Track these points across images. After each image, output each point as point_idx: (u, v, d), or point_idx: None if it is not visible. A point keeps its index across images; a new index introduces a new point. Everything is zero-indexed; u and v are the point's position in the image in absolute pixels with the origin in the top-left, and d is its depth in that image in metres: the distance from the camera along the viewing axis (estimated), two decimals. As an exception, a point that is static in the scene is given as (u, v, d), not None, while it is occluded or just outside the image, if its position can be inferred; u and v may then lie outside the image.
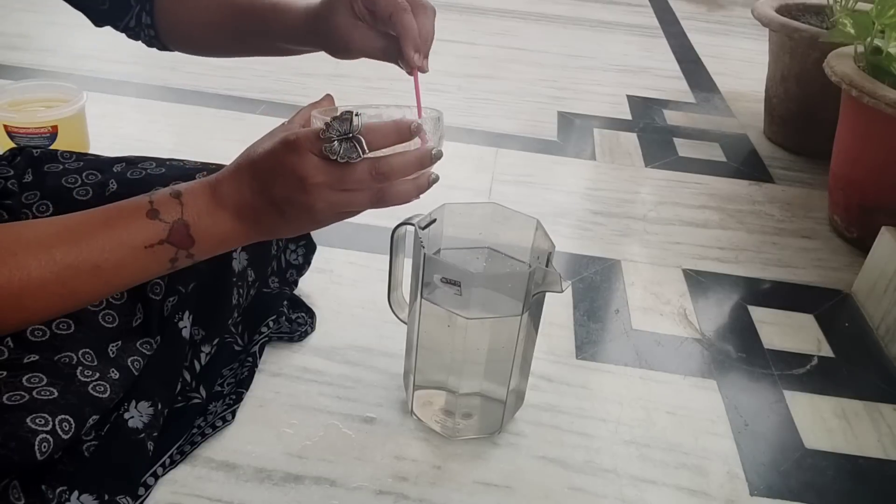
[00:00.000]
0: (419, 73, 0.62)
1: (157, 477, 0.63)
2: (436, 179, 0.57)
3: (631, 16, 2.24)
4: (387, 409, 0.74)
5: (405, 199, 0.56)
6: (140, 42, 0.78)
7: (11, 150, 0.75)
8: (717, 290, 0.98)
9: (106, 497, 0.58)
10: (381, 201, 0.55)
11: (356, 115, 0.51)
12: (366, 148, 0.52)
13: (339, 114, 0.52)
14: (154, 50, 0.80)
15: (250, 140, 0.57)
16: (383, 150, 0.53)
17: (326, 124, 0.51)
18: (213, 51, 0.77)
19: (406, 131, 0.53)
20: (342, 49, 0.66)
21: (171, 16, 0.75)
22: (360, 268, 0.95)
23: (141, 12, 0.74)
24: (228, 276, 0.72)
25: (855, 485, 0.71)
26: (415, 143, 0.55)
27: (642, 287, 0.97)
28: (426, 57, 0.62)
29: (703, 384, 0.81)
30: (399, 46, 0.61)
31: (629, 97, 1.61)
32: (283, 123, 0.58)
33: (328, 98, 0.61)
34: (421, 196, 0.57)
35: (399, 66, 0.63)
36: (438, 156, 0.56)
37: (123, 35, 0.78)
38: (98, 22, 0.75)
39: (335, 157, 0.51)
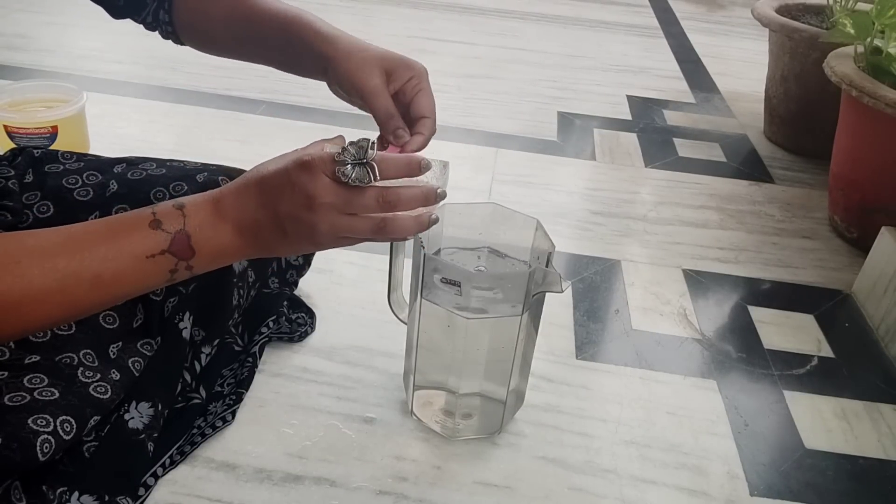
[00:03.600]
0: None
1: (157, 477, 0.63)
2: (435, 220, 0.60)
3: (631, 16, 2.24)
4: (387, 410, 0.74)
5: (404, 234, 0.58)
6: (156, 33, 0.79)
7: (12, 150, 0.75)
8: (717, 290, 0.98)
9: (106, 497, 0.58)
10: (381, 231, 0.56)
11: (373, 142, 0.54)
12: (378, 174, 0.53)
13: (356, 140, 0.54)
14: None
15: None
16: (392, 182, 0.55)
17: (343, 148, 0.53)
18: (230, 53, 0.77)
19: (416, 166, 0.56)
20: (350, 84, 0.66)
21: (189, 15, 0.75)
22: (360, 268, 0.95)
23: (159, 9, 0.75)
24: (229, 277, 0.73)
25: (855, 485, 0.71)
26: (422, 182, 0.58)
27: (642, 287, 0.97)
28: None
29: (703, 384, 0.81)
30: (401, 128, 0.64)
31: (629, 97, 1.61)
32: (296, 150, 0.59)
33: (340, 138, 0.62)
34: (419, 234, 0.60)
35: (381, 130, 0.65)
36: (443, 196, 0.58)
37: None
38: (116, 15, 0.76)
39: (347, 180, 0.53)
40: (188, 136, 1.27)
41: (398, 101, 0.65)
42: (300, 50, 0.68)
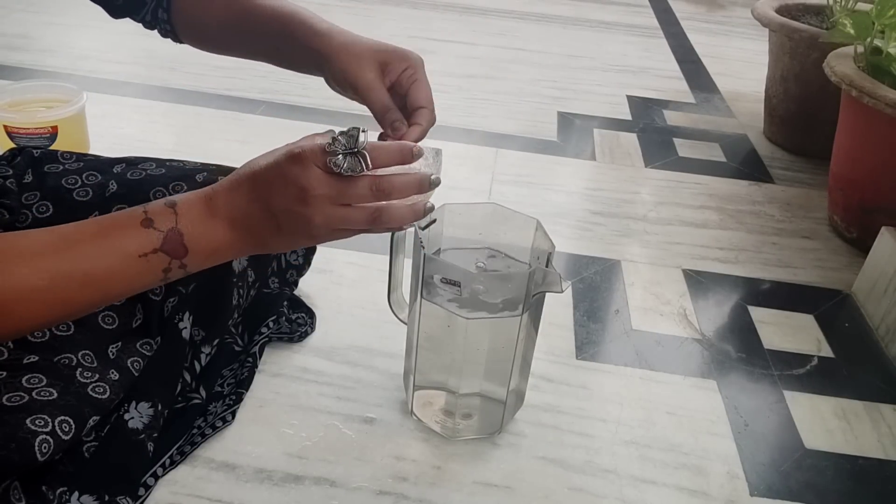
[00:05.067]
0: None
1: (157, 477, 0.63)
2: (431, 209, 0.59)
3: (631, 16, 2.24)
4: (387, 410, 0.74)
5: (400, 223, 0.57)
6: (155, 32, 0.79)
7: (11, 150, 0.75)
8: (717, 290, 0.98)
9: (106, 498, 0.58)
10: (377, 221, 0.56)
11: (363, 130, 0.53)
12: (370, 163, 0.53)
13: (346, 130, 0.53)
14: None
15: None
16: (385, 170, 0.55)
17: (333, 138, 0.53)
18: (228, 51, 0.78)
19: (408, 153, 0.55)
20: (345, 80, 0.66)
21: (187, 14, 0.75)
22: (360, 268, 0.95)
23: (157, 8, 0.75)
24: (228, 277, 0.73)
25: (855, 485, 0.71)
26: (415, 169, 0.57)
27: (642, 287, 0.97)
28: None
29: (703, 384, 0.81)
30: (399, 120, 0.64)
31: (629, 97, 1.61)
32: (287, 144, 0.59)
33: (331, 131, 0.62)
34: (416, 223, 0.59)
35: (380, 124, 0.65)
36: (436, 183, 0.58)
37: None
38: (115, 15, 0.76)
39: (339, 170, 0.52)
40: (188, 136, 1.27)
41: (395, 93, 0.65)
42: (295, 46, 0.68)
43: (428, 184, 0.57)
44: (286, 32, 0.69)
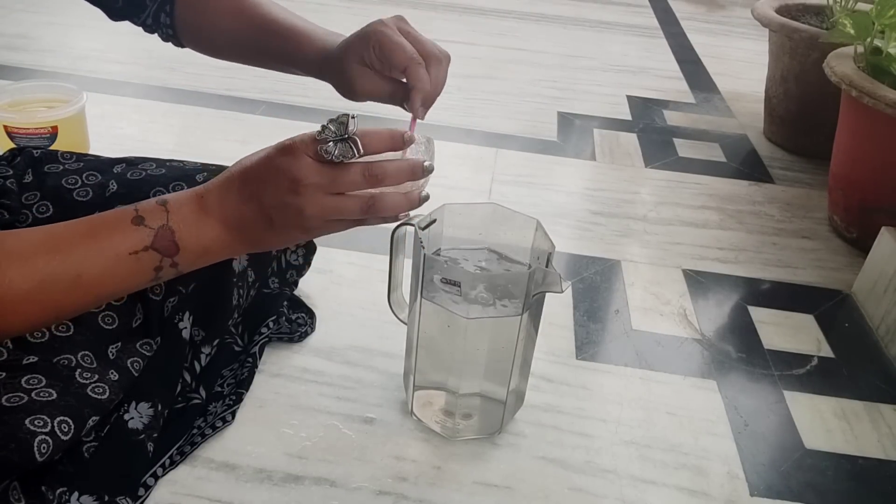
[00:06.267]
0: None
1: (156, 477, 0.63)
2: (426, 198, 0.59)
3: (631, 16, 2.24)
4: (387, 410, 0.74)
5: (395, 211, 0.56)
6: (156, 35, 0.79)
7: (11, 150, 0.75)
8: (717, 290, 0.98)
9: (106, 498, 0.58)
10: (371, 210, 0.55)
11: (352, 116, 0.52)
12: (361, 149, 0.52)
13: (335, 117, 0.52)
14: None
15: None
16: (377, 156, 0.54)
17: (323, 126, 0.52)
18: (232, 58, 0.78)
19: (399, 139, 0.55)
20: (349, 91, 0.68)
21: (191, 21, 0.75)
22: (360, 268, 0.95)
23: (159, 13, 0.75)
24: (228, 277, 0.72)
25: (855, 485, 0.71)
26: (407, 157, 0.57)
27: (642, 287, 0.97)
28: (430, 108, 0.64)
29: (703, 384, 0.81)
30: (407, 93, 0.63)
31: (629, 97, 1.61)
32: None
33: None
34: (411, 213, 0.59)
35: (403, 108, 0.66)
36: (430, 169, 0.57)
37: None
38: (114, 17, 0.76)
39: (330, 157, 0.52)
40: (188, 136, 1.27)
41: (388, 65, 0.64)
42: (302, 65, 0.71)
43: (421, 170, 0.56)
44: (292, 50, 0.70)
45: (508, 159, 1.28)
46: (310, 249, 0.87)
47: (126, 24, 0.80)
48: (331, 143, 0.52)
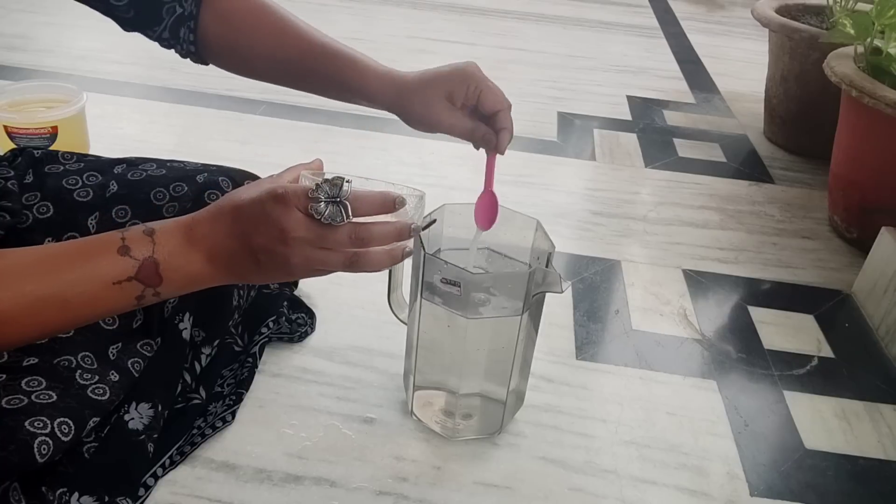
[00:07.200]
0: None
1: (157, 478, 0.63)
2: (409, 253, 0.60)
3: (631, 16, 2.24)
4: (387, 410, 0.74)
5: (377, 268, 0.57)
6: (172, 51, 0.76)
7: (12, 150, 0.75)
8: (717, 290, 0.98)
9: (106, 498, 0.58)
10: (354, 265, 0.56)
11: (347, 181, 0.54)
12: (350, 214, 0.53)
13: (330, 178, 0.53)
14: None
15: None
16: (365, 218, 0.55)
17: (317, 185, 0.53)
18: (269, 79, 0.76)
19: (390, 204, 0.56)
20: (424, 122, 0.69)
21: (223, 39, 0.73)
22: (360, 268, 0.95)
23: (179, 27, 0.71)
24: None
25: (855, 485, 0.71)
26: (396, 217, 0.58)
27: (642, 287, 0.97)
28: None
29: (703, 384, 0.81)
30: (486, 132, 0.68)
31: (629, 97, 1.61)
32: (272, 176, 0.60)
33: (318, 162, 0.63)
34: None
35: (475, 145, 0.70)
36: (417, 230, 0.59)
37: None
38: (126, 28, 0.73)
39: (319, 218, 0.53)
40: (188, 136, 1.27)
41: (480, 106, 0.68)
42: (358, 91, 0.71)
43: (408, 232, 0.57)
44: (342, 77, 0.70)
45: (508, 159, 1.28)
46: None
47: None
48: (322, 204, 0.53)
